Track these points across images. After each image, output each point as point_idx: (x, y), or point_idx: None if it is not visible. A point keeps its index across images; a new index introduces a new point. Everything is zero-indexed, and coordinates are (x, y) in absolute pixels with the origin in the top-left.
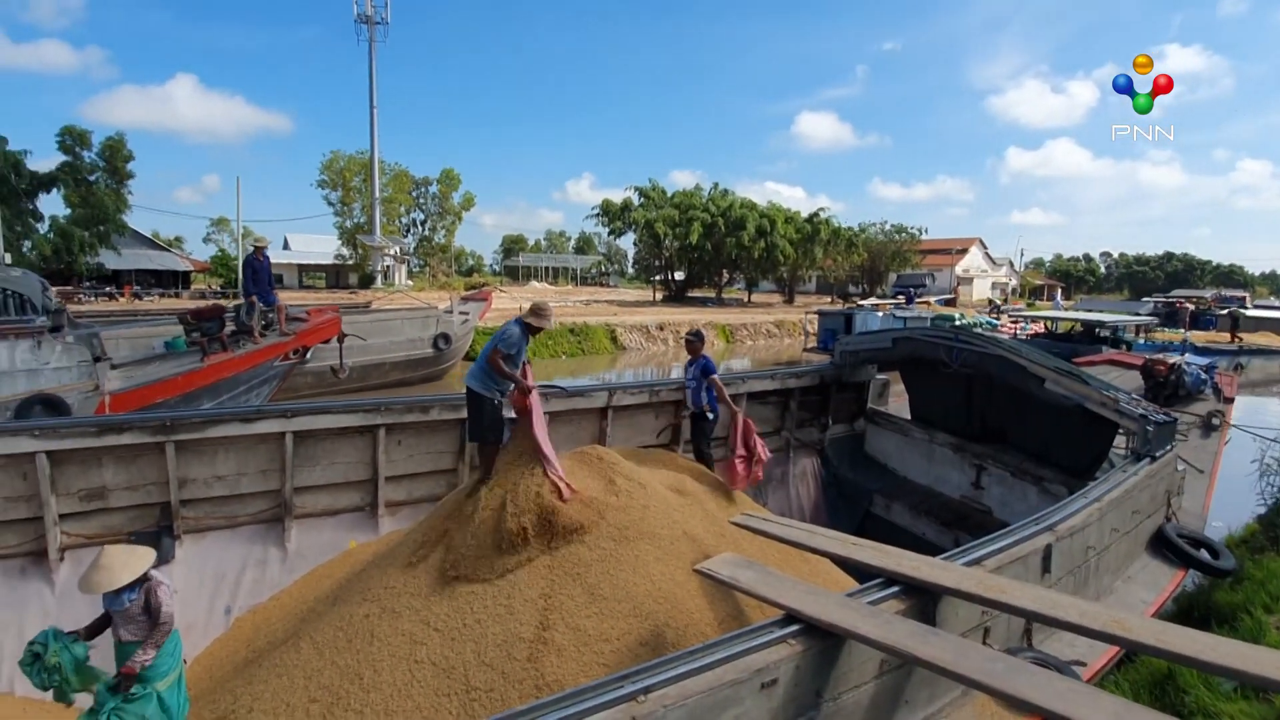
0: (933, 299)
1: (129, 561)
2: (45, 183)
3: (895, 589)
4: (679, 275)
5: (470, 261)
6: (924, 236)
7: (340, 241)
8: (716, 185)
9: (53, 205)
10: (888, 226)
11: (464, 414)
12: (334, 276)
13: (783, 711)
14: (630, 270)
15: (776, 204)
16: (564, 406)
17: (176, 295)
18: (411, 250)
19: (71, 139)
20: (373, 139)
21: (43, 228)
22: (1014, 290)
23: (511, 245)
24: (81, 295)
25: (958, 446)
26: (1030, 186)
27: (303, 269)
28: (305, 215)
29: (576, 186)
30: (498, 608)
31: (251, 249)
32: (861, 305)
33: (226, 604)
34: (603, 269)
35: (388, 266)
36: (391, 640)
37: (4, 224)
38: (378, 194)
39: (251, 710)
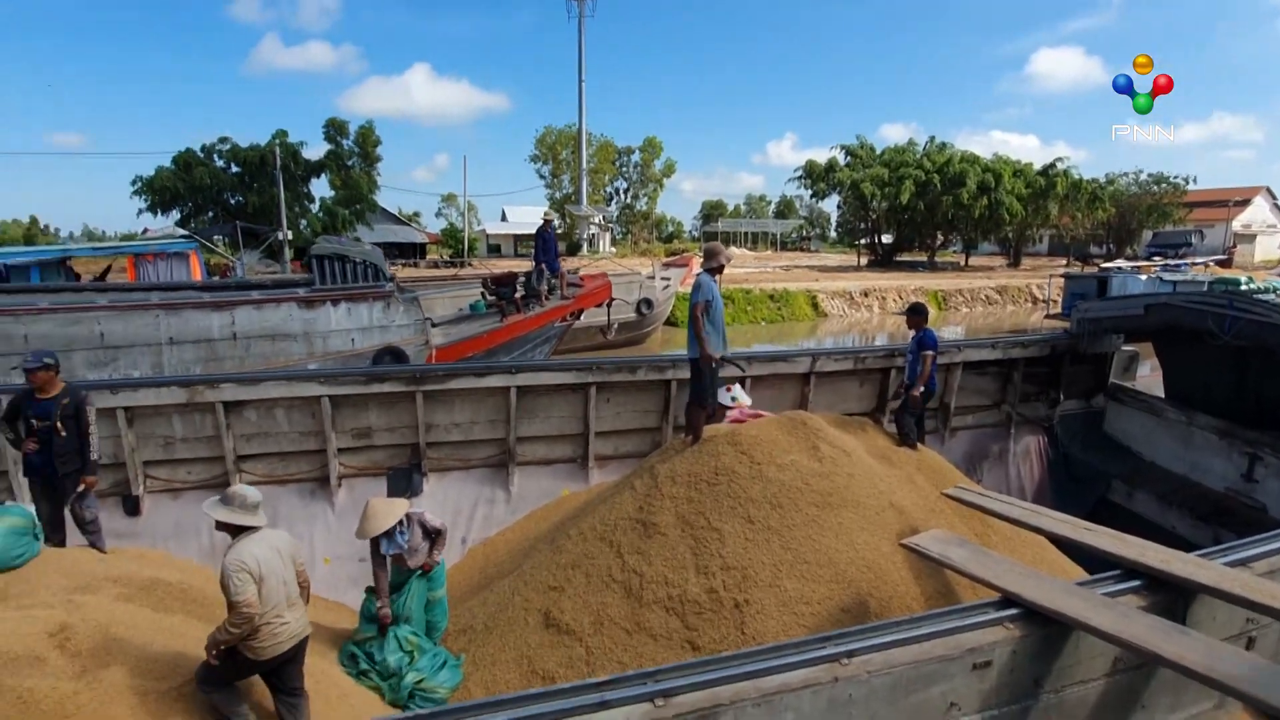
0: (1203, 259)
1: (390, 510)
2: (316, 169)
3: (1136, 582)
4: (886, 238)
5: (670, 228)
6: (1191, 186)
7: (548, 212)
8: (933, 139)
9: (319, 188)
10: (1143, 176)
11: (668, 375)
12: None
13: (995, 695)
14: (833, 234)
15: (1003, 156)
16: (765, 371)
17: (415, 265)
18: (615, 218)
19: (334, 129)
20: (580, 112)
21: (314, 208)
22: None
23: (711, 211)
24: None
25: (1225, 431)
26: None
27: (518, 238)
28: (520, 189)
29: (778, 148)
30: (698, 558)
31: (541, 221)
32: (1120, 268)
33: (463, 535)
34: (804, 233)
35: (593, 234)
36: (593, 573)
37: (287, 206)
38: (584, 165)
39: (486, 626)
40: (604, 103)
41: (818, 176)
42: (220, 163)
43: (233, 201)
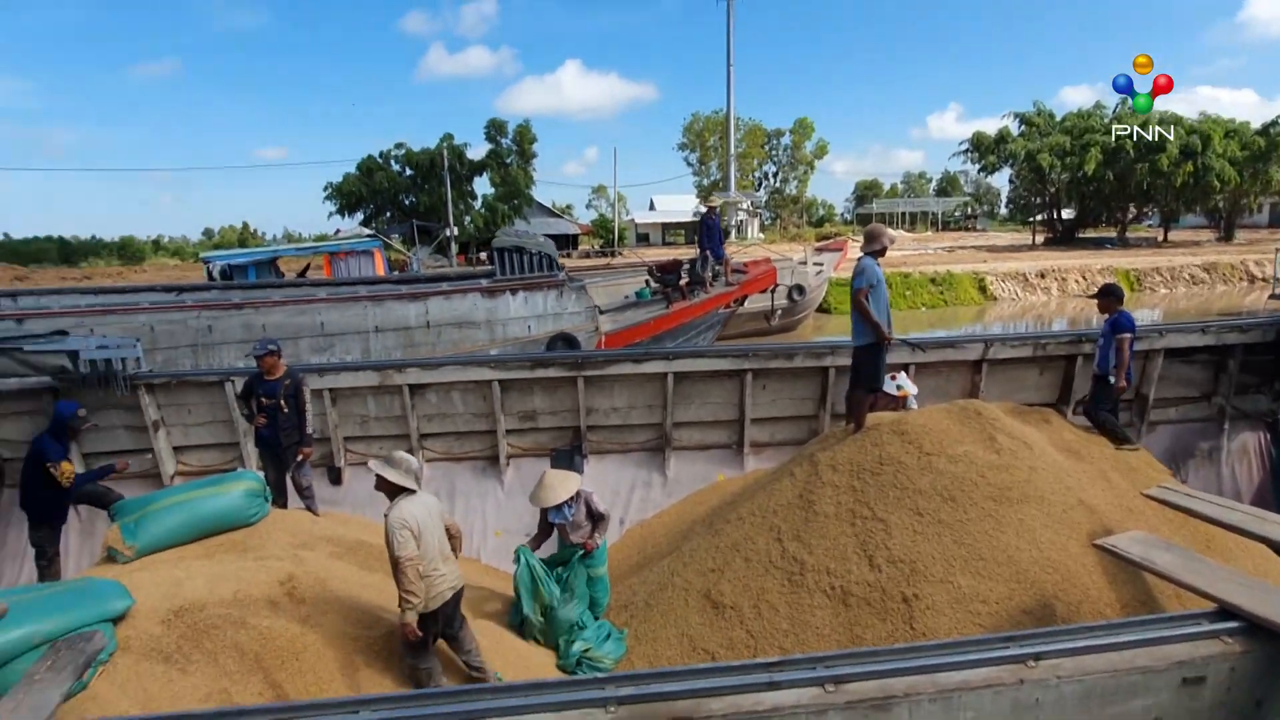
0: None
1: (565, 483)
2: (478, 168)
3: None
4: (1066, 213)
5: (821, 211)
6: None
7: (698, 199)
8: (1124, 100)
9: (481, 186)
10: None
11: (826, 362)
12: (692, 233)
13: (1209, 715)
14: (1003, 211)
15: (1212, 115)
16: (933, 358)
17: (567, 255)
18: (763, 203)
19: (494, 129)
20: (729, 96)
21: (476, 204)
22: None
23: (865, 191)
24: None
25: None
26: None
27: (666, 227)
28: (668, 178)
29: (940, 121)
30: (863, 547)
31: (705, 209)
32: None
33: (621, 516)
34: (969, 211)
35: (741, 220)
36: (752, 557)
37: (452, 203)
38: (733, 150)
39: (646, 603)
40: (753, 85)
41: (987, 149)
42: (396, 167)
43: (407, 202)
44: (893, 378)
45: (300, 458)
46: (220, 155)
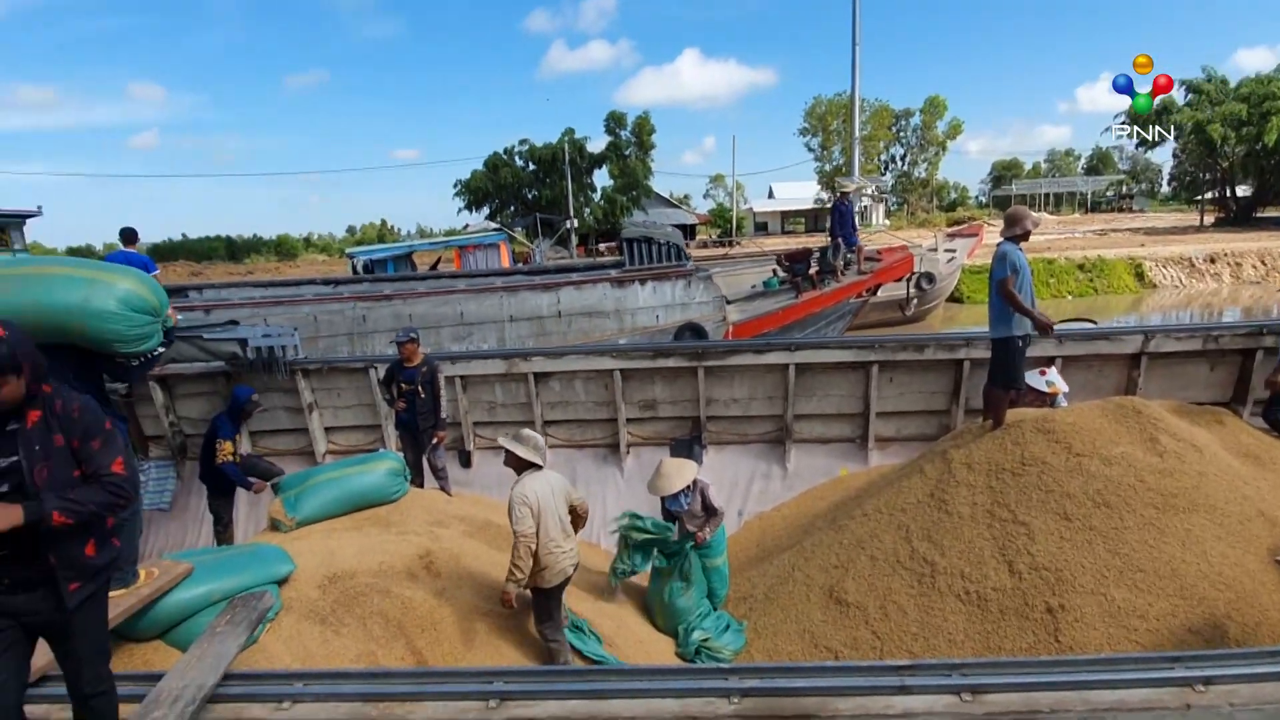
0: None
1: (681, 472)
2: (598, 160)
3: None
4: (1242, 190)
5: (953, 194)
6: None
7: (819, 186)
8: None
9: (600, 178)
10: None
11: (960, 355)
12: (812, 220)
13: None
14: (1164, 189)
15: None
16: (1081, 350)
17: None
18: (889, 188)
19: (613, 122)
20: (854, 77)
21: (596, 197)
22: None
23: (1003, 172)
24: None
25: None
26: None
27: (785, 215)
28: (787, 164)
29: (1090, 93)
30: (1002, 551)
31: (838, 195)
32: None
33: (739, 507)
34: (1123, 191)
35: (865, 206)
36: (878, 556)
37: (572, 196)
38: (857, 134)
39: (766, 597)
40: (880, 64)
41: (1147, 121)
42: (520, 162)
43: (530, 196)
44: (1042, 373)
45: (435, 440)
46: (361, 157)
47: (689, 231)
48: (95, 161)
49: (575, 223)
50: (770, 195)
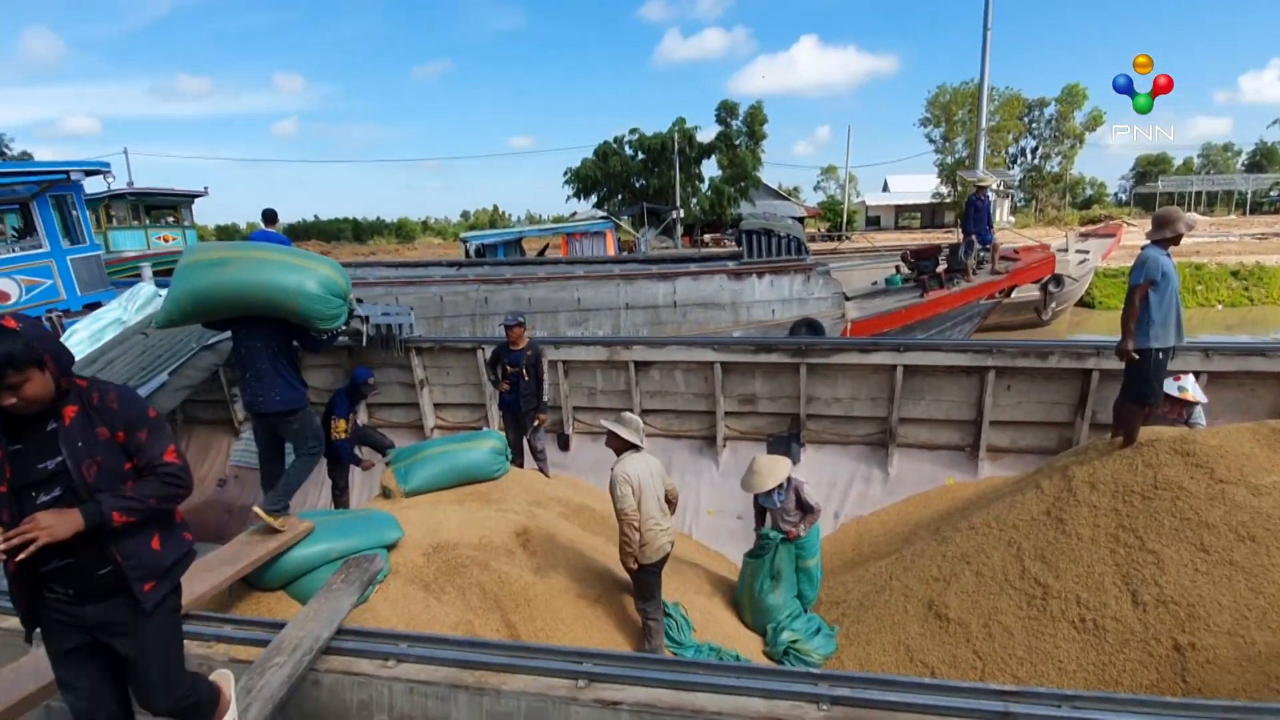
0: None
1: (774, 470)
2: (707, 150)
3: None
4: None
5: (1089, 190)
6: None
7: (938, 179)
8: None
9: (709, 169)
10: None
11: (1089, 364)
12: (929, 216)
13: None
14: None
15: None
16: (1230, 366)
17: None
18: (1017, 182)
19: (725, 111)
20: (983, 63)
21: (703, 187)
22: None
23: (1148, 167)
24: (725, 240)
25: None
26: None
27: (899, 210)
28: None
29: (1256, 81)
30: (1125, 580)
31: (974, 189)
32: None
33: (835, 509)
34: None
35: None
36: (985, 572)
37: (680, 186)
38: (984, 124)
39: (860, 604)
40: (1012, 49)
41: None
42: (629, 151)
43: (638, 185)
44: (1176, 378)
45: (537, 423)
46: (479, 145)
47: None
48: (242, 146)
49: (681, 213)
50: (885, 188)
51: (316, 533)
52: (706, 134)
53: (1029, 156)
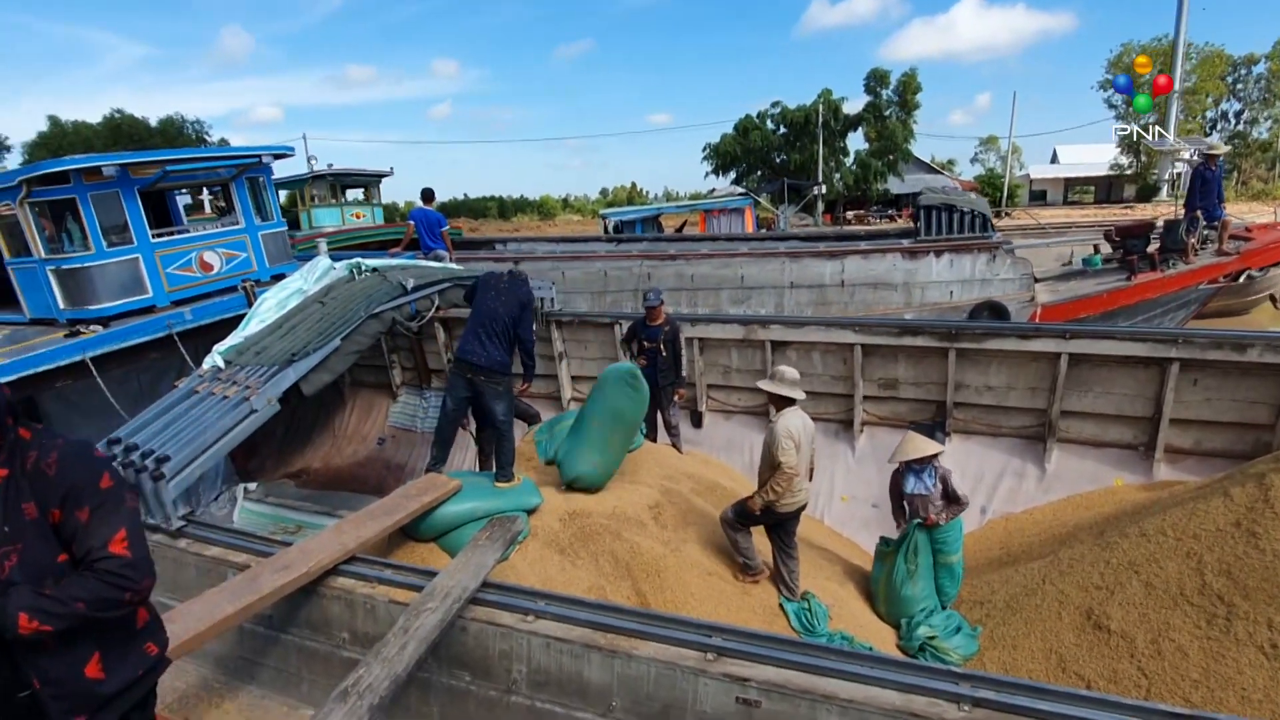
0: None
1: (925, 446)
2: (853, 123)
3: None
4: None
5: None
6: None
7: (1118, 149)
8: None
9: (855, 141)
10: None
11: None
12: (1104, 190)
13: None
14: None
15: None
16: None
17: None
18: (1226, 152)
19: (874, 80)
20: (1180, 16)
21: (848, 161)
22: None
23: None
24: (870, 218)
25: None
26: None
27: (1069, 183)
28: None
29: None
30: None
31: (1202, 158)
32: None
33: (982, 504)
34: None
35: (1178, 174)
36: (1156, 584)
37: (823, 161)
38: (1178, 86)
39: (1007, 605)
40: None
41: None
42: (771, 125)
43: (778, 160)
44: None
45: (675, 398)
46: (618, 123)
47: None
48: (403, 129)
49: (824, 188)
50: (1054, 159)
51: (464, 492)
52: (853, 105)
53: (1231, 121)
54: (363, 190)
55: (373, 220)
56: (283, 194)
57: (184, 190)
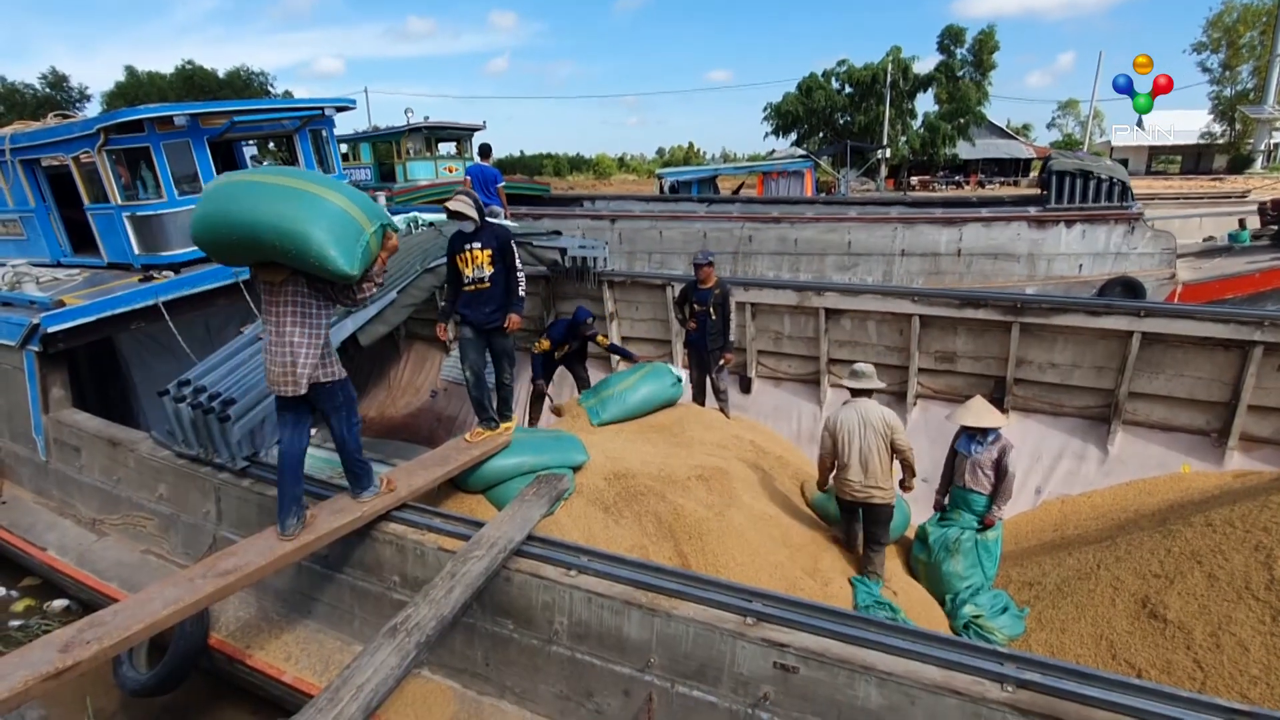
0: None
1: (987, 416)
2: (924, 83)
3: None
4: None
5: None
6: None
7: (1211, 116)
8: None
9: (924, 103)
10: None
11: None
12: (1193, 160)
13: None
14: None
15: None
16: None
17: (1014, 184)
18: None
19: (949, 38)
20: None
21: (915, 124)
22: None
23: None
24: (935, 184)
25: None
26: None
27: (1153, 151)
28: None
29: None
30: None
31: None
32: None
33: (1037, 484)
34: None
35: (1276, 144)
36: (1220, 576)
37: (890, 123)
38: (1278, 49)
39: (1058, 588)
40: None
41: None
42: (836, 85)
43: (841, 122)
44: None
45: (722, 362)
46: (675, 80)
47: (1021, 167)
48: (460, 84)
49: (888, 152)
50: (1139, 125)
51: (513, 447)
52: (924, 65)
53: None
54: (455, 144)
55: (463, 174)
56: (380, 147)
57: (250, 141)
